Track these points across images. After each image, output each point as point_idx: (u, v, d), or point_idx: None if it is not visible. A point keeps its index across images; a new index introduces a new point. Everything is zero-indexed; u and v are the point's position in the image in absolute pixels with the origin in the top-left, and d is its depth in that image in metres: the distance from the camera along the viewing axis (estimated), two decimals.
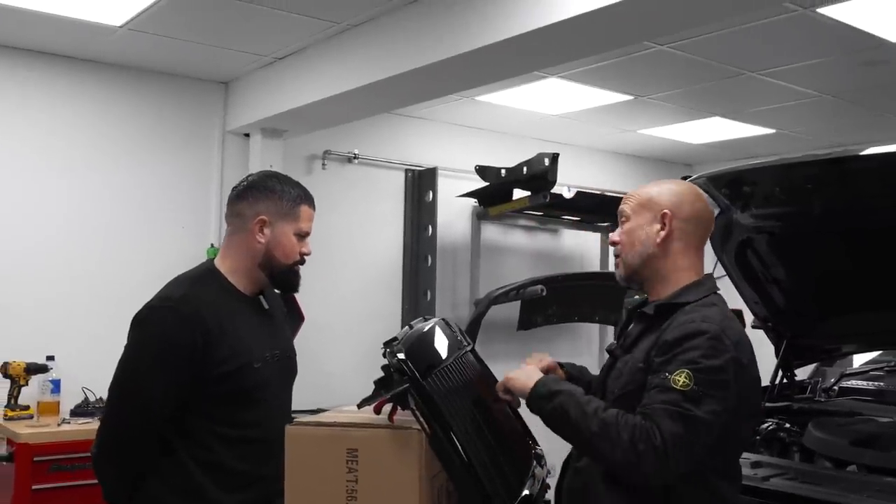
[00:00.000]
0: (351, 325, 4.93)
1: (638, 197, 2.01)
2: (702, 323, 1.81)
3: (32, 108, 4.21)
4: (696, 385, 1.73)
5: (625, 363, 1.93)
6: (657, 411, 1.72)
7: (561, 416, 1.83)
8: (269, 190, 2.16)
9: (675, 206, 1.95)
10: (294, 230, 2.17)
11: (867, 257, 3.11)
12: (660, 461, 1.70)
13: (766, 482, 2.72)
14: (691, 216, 1.96)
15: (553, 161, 4.72)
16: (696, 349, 1.77)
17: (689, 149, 6.28)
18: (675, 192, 1.99)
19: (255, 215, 2.14)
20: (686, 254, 1.96)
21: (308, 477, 1.81)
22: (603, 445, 1.75)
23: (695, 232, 1.97)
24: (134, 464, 2.06)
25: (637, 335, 1.97)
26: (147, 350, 2.04)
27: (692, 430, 1.72)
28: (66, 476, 3.50)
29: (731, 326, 1.86)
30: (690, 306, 1.89)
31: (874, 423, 3.25)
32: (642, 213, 1.98)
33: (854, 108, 5.09)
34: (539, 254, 5.89)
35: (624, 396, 1.87)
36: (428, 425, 1.73)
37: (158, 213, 4.52)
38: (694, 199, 1.99)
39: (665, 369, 1.77)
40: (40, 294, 4.14)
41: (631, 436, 1.71)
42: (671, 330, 1.83)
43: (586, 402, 1.79)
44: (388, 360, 1.76)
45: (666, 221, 1.94)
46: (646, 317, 1.96)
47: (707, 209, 2.02)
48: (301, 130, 4.71)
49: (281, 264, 2.16)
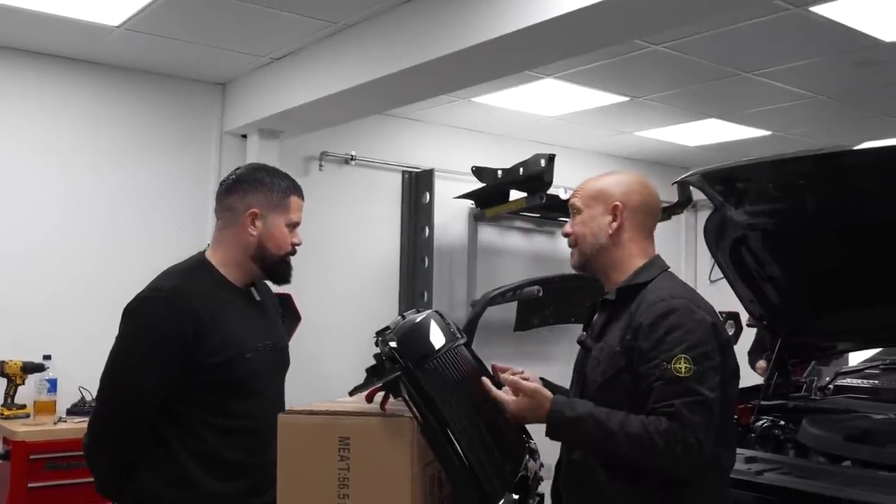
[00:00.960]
0: (348, 326, 4.93)
1: (588, 189, 2.07)
2: (671, 300, 1.88)
3: (30, 108, 4.23)
4: (696, 365, 1.78)
5: (600, 350, 1.97)
6: (679, 409, 1.76)
7: (586, 442, 1.88)
8: (259, 182, 2.17)
9: (625, 198, 2.02)
10: (285, 221, 2.18)
11: (861, 253, 3.12)
12: (697, 456, 1.76)
13: (761, 476, 2.73)
14: (640, 206, 2.03)
15: (549, 162, 4.74)
16: (678, 328, 1.83)
17: (684, 151, 6.29)
18: (624, 183, 2.05)
19: (247, 208, 2.15)
20: (636, 241, 2.03)
21: (300, 465, 1.81)
22: (639, 459, 1.79)
23: (644, 220, 2.05)
24: (125, 454, 2.06)
25: (604, 322, 2.02)
26: (138, 341, 2.04)
27: (709, 412, 1.78)
28: (62, 474, 3.50)
29: (694, 295, 1.95)
30: (651, 285, 1.96)
31: (869, 419, 3.26)
32: (594, 205, 2.04)
33: (848, 109, 5.11)
34: (535, 255, 5.90)
35: (607, 383, 1.92)
36: (420, 414, 1.74)
37: (156, 213, 4.52)
38: (642, 189, 2.06)
39: (658, 357, 1.81)
40: (38, 294, 4.14)
41: (666, 441, 1.75)
42: (643, 312, 1.89)
43: (607, 420, 1.81)
44: (380, 349, 1.77)
45: (617, 213, 2.01)
46: (608, 303, 2.02)
47: (654, 198, 2.09)
48: (298, 131, 4.72)
49: (273, 256, 2.17)
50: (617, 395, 1.87)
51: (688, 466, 1.79)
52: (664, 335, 1.82)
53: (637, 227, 2.03)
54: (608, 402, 1.87)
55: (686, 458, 1.75)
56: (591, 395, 1.94)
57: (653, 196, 2.08)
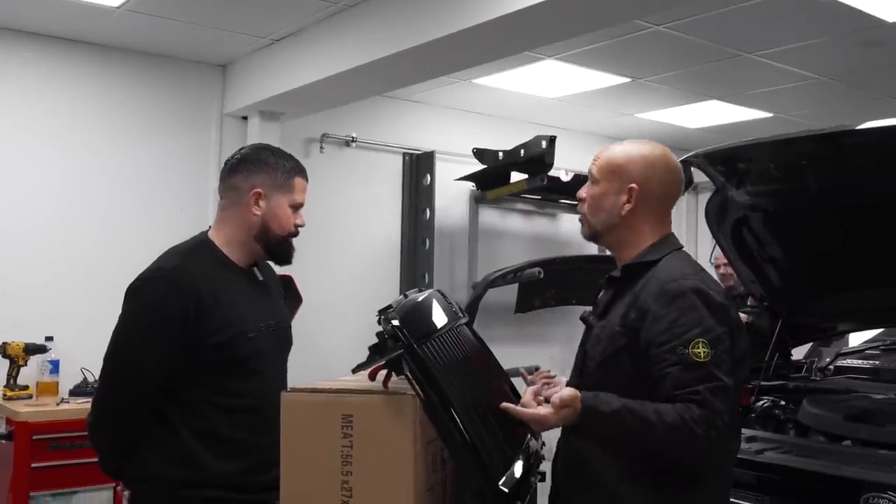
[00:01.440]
0: (349, 308, 4.94)
1: (608, 161, 1.96)
2: (682, 280, 1.80)
3: (30, 89, 4.22)
4: (713, 349, 1.72)
5: (602, 328, 1.92)
6: (706, 395, 1.69)
7: (624, 436, 1.78)
8: (263, 162, 2.17)
9: (643, 180, 1.92)
10: (289, 202, 2.18)
11: (863, 234, 3.11)
12: (721, 440, 1.72)
13: (761, 455, 2.74)
14: (659, 189, 1.94)
15: (550, 144, 4.73)
16: (692, 310, 1.76)
17: (685, 133, 6.28)
18: (648, 162, 1.94)
19: (251, 188, 2.15)
20: (650, 221, 1.95)
21: (304, 443, 1.82)
22: (677, 449, 1.72)
23: (660, 203, 1.96)
24: (128, 433, 2.08)
25: (609, 300, 1.96)
26: (141, 320, 2.05)
27: (728, 396, 1.74)
28: (65, 454, 3.52)
29: (704, 276, 1.87)
30: (660, 264, 1.88)
31: (869, 399, 3.27)
32: (611, 179, 1.94)
33: (852, 90, 5.09)
34: (536, 237, 5.90)
35: (606, 361, 1.87)
36: (422, 391, 1.74)
37: (157, 195, 4.52)
38: (664, 170, 1.95)
39: (673, 341, 1.73)
40: (40, 276, 4.15)
41: (704, 429, 1.68)
42: (652, 293, 1.81)
43: (642, 410, 1.72)
44: (382, 327, 1.77)
45: (632, 196, 1.92)
46: (615, 280, 1.96)
47: (677, 178, 1.97)
48: (299, 113, 4.72)
49: (277, 236, 2.17)
50: (615, 374, 1.84)
51: (716, 454, 1.75)
52: (677, 318, 1.75)
53: (652, 209, 1.94)
54: (607, 380, 1.84)
55: (718, 444, 1.72)
56: (590, 372, 1.92)
57: (674, 178, 1.97)
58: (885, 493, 2.38)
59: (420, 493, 1.77)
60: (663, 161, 1.96)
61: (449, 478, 1.95)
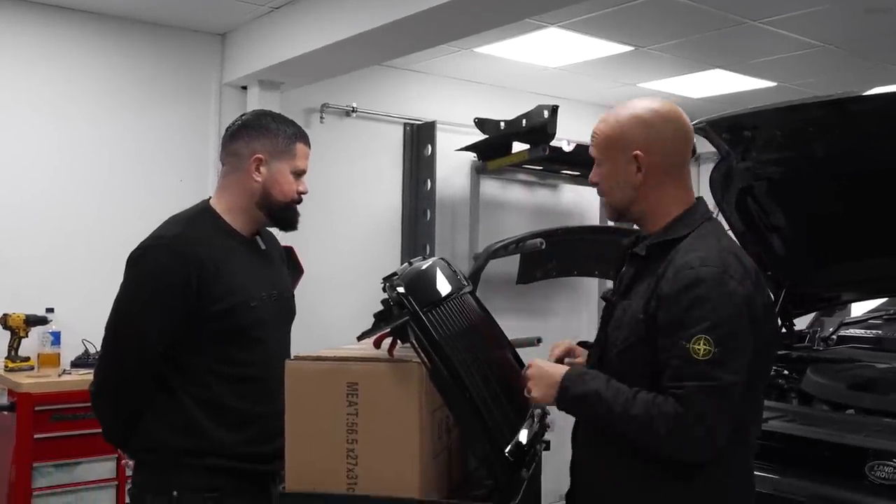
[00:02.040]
0: (350, 278, 4.93)
1: (604, 137, 1.87)
2: (701, 268, 1.69)
3: (27, 60, 4.17)
4: (717, 346, 1.63)
5: (623, 311, 1.84)
6: (689, 393, 1.63)
7: (590, 417, 1.80)
8: (264, 128, 2.14)
9: (647, 143, 1.81)
10: (291, 168, 2.16)
11: (868, 203, 3.10)
12: (705, 445, 1.66)
13: (765, 424, 2.73)
14: (667, 146, 1.82)
15: (552, 113, 4.69)
16: (704, 302, 1.66)
17: (688, 103, 6.23)
18: (645, 122, 1.82)
19: (252, 154, 2.12)
20: (669, 185, 1.84)
21: (309, 411, 1.81)
22: (640, 440, 1.70)
23: (674, 159, 1.84)
24: (130, 401, 2.07)
25: (631, 278, 1.87)
26: (142, 288, 2.04)
27: (727, 396, 1.65)
28: (67, 425, 3.52)
29: (731, 261, 1.74)
30: (684, 243, 1.78)
31: (872, 368, 3.27)
32: (614, 155, 1.85)
33: (856, 58, 5.04)
34: (538, 208, 5.88)
35: (627, 350, 1.79)
36: (428, 359, 1.73)
37: (156, 165, 4.49)
38: (665, 124, 1.82)
39: (679, 333, 1.67)
40: (40, 247, 4.13)
41: (669, 430, 1.64)
42: (669, 279, 1.72)
43: (612, 398, 1.70)
44: (387, 294, 1.76)
45: (641, 163, 1.81)
46: (637, 258, 1.86)
47: (682, 126, 1.84)
48: (299, 82, 4.67)
49: (278, 202, 2.15)
50: (636, 364, 1.76)
51: (692, 454, 1.69)
52: (687, 309, 1.67)
53: (667, 172, 1.83)
54: (626, 369, 1.77)
55: (693, 446, 1.66)
56: (610, 359, 1.84)
57: (680, 128, 1.84)
58: (889, 460, 2.39)
59: (426, 461, 1.77)
60: (660, 116, 1.84)
61: (454, 445, 1.95)
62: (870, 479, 2.42)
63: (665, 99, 1.89)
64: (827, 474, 2.54)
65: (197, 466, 2.03)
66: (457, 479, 1.95)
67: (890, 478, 2.37)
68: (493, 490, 1.82)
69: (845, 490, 2.45)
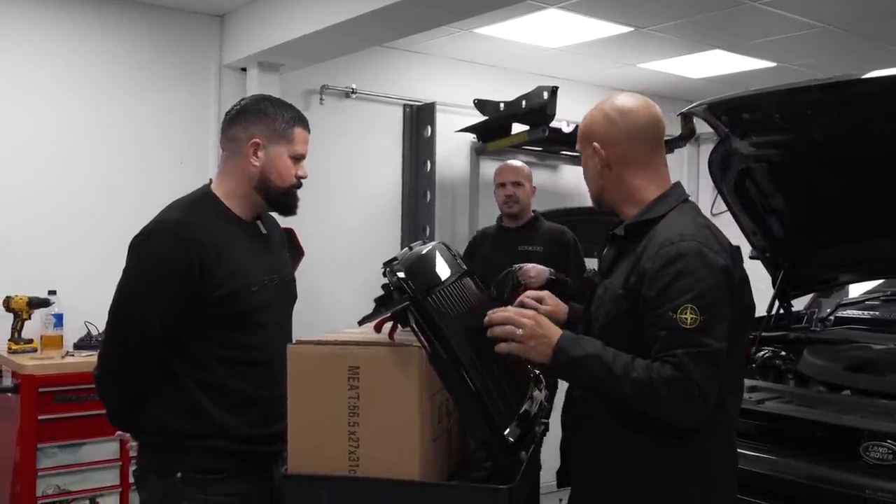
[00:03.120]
0: (350, 260, 4.95)
1: (580, 129, 1.99)
2: (681, 242, 1.78)
3: (27, 43, 4.16)
4: (703, 315, 1.71)
5: (605, 289, 1.92)
6: (682, 359, 1.70)
7: (589, 383, 1.83)
8: (261, 113, 2.15)
9: (603, 135, 1.91)
10: (289, 152, 2.16)
11: (865, 185, 3.12)
12: (699, 409, 1.72)
13: (762, 405, 2.77)
14: (626, 137, 1.91)
15: (552, 94, 4.69)
16: (687, 274, 1.74)
17: (688, 84, 6.22)
18: (606, 117, 1.92)
19: (249, 138, 2.13)
20: (637, 172, 1.93)
21: (310, 395, 1.83)
22: (641, 405, 1.75)
23: (638, 149, 1.92)
24: (134, 385, 2.09)
25: (612, 259, 1.96)
26: (144, 273, 2.05)
27: (714, 362, 1.72)
28: (71, 407, 3.55)
29: (708, 235, 1.83)
30: (662, 222, 1.86)
31: (869, 349, 3.29)
32: (584, 147, 1.97)
33: (857, 39, 5.03)
34: (538, 189, 5.86)
35: (609, 324, 1.87)
36: (428, 343, 1.75)
37: (155, 148, 4.49)
38: (623, 116, 1.91)
39: (665, 306, 1.73)
40: (41, 230, 4.14)
41: (670, 391, 1.69)
42: (650, 256, 1.80)
43: (613, 363, 1.75)
44: (388, 279, 1.77)
45: (599, 156, 1.92)
46: (618, 239, 1.95)
47: (644, 117, 1.92)
48: (298, 64, 4.67)
49: (277, 187, 2.16)
50: (619, 338, 1.82)
51: (689, 418, 1.75)
52: (671, 282, 1.74)
53: (631, 162, 1.92)
54: (609, 343, 1.83)
55: (688, 409, 1.72)
56: (595, 335, 1.90)
57: (641, 122, 1.92)
58: (884, 441, 2.42)
59: (426, 444, 1.79)
60: (624, 110, 1.92)
61: (454, 428, 1.98)
62: (864, 460, 2.45)
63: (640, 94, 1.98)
64: (822, 455, 2.57)
65: (200, 448, 2.05)
66: (456, 462, 1.98)
67: (884, 458, 2.40)
68: (492, 472, 1.85)
69: (840, 470, 2.48)
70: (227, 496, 2.06)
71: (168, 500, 2.07)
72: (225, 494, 2.06)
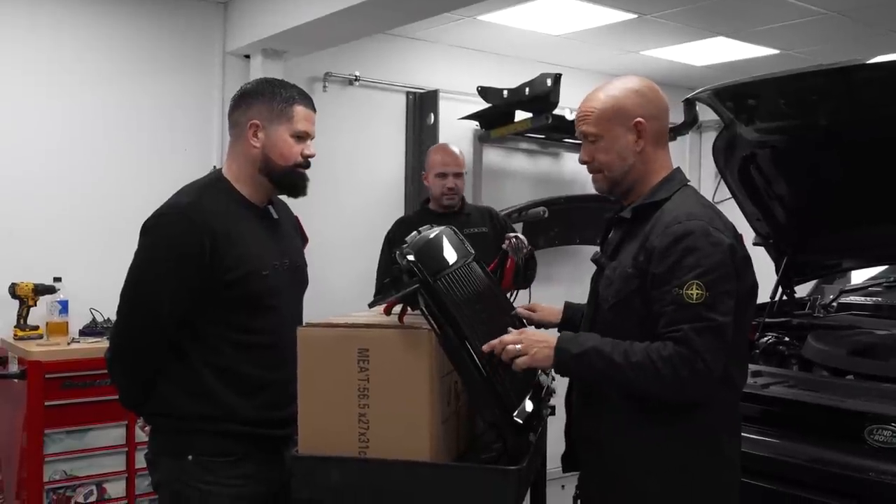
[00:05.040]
0: (354, 247, 4.95)
1: (601, 111, 1.96)
2: (688, 222, 1.83)
3: (31, 30, 4.15)
4: (709, 290, 1.76)
5: (613, 270, 1.95)
6: (687, 334, 1.74)
7: (594, 376, 1.87)
8: (260, 94, 2.16)
9: (644, 111, 1.95)
10: (290, 131, 2.15)
11: (870, 171, 3.12)
12: (705, 380, 1.75)
13: (766, 389, 2.79)
14: (661, 112, 1.98)
15: (555, 82, 4.69)
16: (694, 251, 1.79)
17: (691, 71, 6.21)
18: (639, 93, 1.97)
19: (248, 121, 2.14)
20: (657, 153, 1.99)
21: (321, 377, 1.85)
22: (647, 387, 1.78)
23: (661, 129, 1.99)
24: (146, 368, 2.10)
25: (619, 241, 1.99)
26: (156, 256, 2.06)
27: (720, 336, 1.76)
28: (78, 393, 3.56)
29: (713, 215, 1.89)
30: (668, 204, 1.91)
31: (872, 335, 3.30)
32: (613, 127, 1.95)
33: (860, 26, 5.02)
34: (541, 177, 5.88)
35: (619, 303, 1.90)
36: (437, 325, 1.77)
37: (160, 135, 4.49)
38: (654, 94, 1.99)
39: (672, 282, 1.78)
40: (46, 217, 4.14)
41: (672, 368, 1.73)
42: (658, 235, 1.84)
43: (611, 352, 1.79)
44: (397, 262, 1.79)
45: (641, 130, 1.94)
46: (624, 222, 1.99)
47: (665, 103, 2.01)
48: (302, 51, 4.66)
49: (279, 167, 2.15)
50: (629, 316, 1.87)
51: (696, 391, 1.79)
52: (679, 260, 1.79)
53: (657, 137, 1.98)
54: (619, 323, 1.88)
55: (694, 383, 1.75)
56: (603, 315, 1.95)
57: (664, 102, 2.02)
58: (888, 424, 2.43)
59: (436, 425, 1.81)
60: (651, 88, 2.00)
61: (462, 410, 1.99)
62: (868, 443, 2.46)
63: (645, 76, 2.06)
64: (827, 438, 2.59)
65: (212, 431, 2.06)
66: (465, 443, 2.00)
67: (888, 441, 2.41)
68: (501, 453, 1.87)
69: (844, 453, 2.50)
70: (239, 479, 2.08)
71: (180, 483, 2.08)
72: (236, 477, 2.08)
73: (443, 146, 4.13)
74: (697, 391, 1.79)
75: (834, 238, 3.54)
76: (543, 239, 5.32)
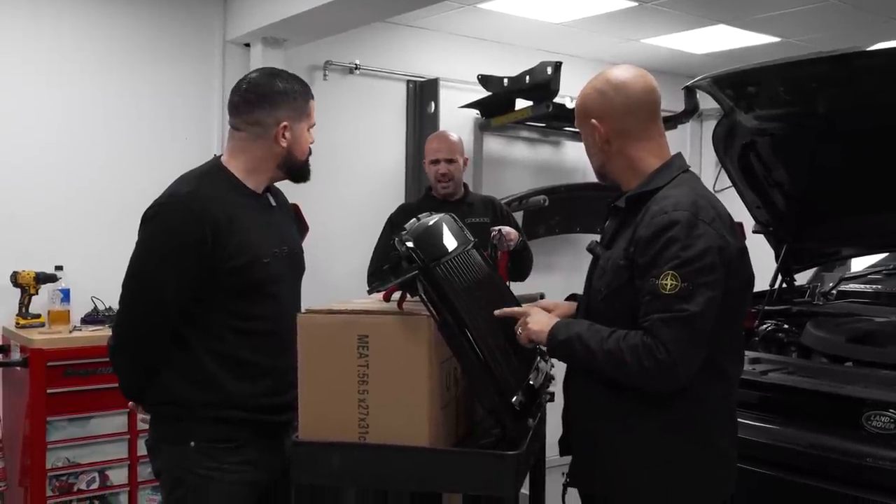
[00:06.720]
0: (354, 235, 4.95)
1: (576, 106, 2.02)
2: (673, 212, 1.81)
3: (31, 18, 4.15)
4: (684, 282, 1.75)
5: (606, 260, 1.95)
6: (655, 324, 1.75)
7: (575, 359, 1.92)
8: (282, 93, 2.16)
9: (601, 111, 1.94)
10: (308, 126, 2.22)
11: (869, 158, 3.12)
12: (668, 372, 1.75)
13: (765, 376, 2.80)
14: (621, 110, 1.94)
15: (556, 70, 4.69)
16: (674, 242, 1.78)
17: (692, 60, 6.20)
18: (599, 91, 1.96)
19: (277, 123, 2.15)
20: (637, 145, 1.96)
21: (321, 363, 1.86)
22: (613, 373, 1.81)
23: (634, 121, 1.95)
24: (148, 356, 2.11)
25: (614, 230, 1.99)
26: (157, 245, 2.07)
27: (690, 328, 1.75)
28: (79, 381, 3.58)
29: (704, 205, 1.85)
30: (660, 192, 1.90)
31: (871, 322, 3.31)
32: (582, 126, 2.01)
33: (860, 13, 5.01)
34: (541, 165, 5.88)
35: (611, 295, 1.91)
36: (436, 311, 1.78)
37: (160, 123, 4.49)
38: (617, 90, 1.94)
39: (651, 273, 1.79)
40: (47, 205, 4.15)
41: (634, 357, 1.75)
42: (644, 225, 1.84)
43: (590, 338, 1.83)
44: (397, 248, 1.80)
45: (598, 132, 1.95)
46: (619, 210, 1.99)
47: (638, 88, 1.94)
48: (302, 39, 4.66)
49: (299, 161, 2.23)
50: (621, 307, 1.87)
51: (660, 382, 1.78)
52: (660, 251, 1.79)
53: (629, 135, 1.95)
54: (612, 313, 1.88)
55: (654, 374, 1.75)
56: (597, 305, 1.95)
57: (636, 93, 1.94)
58: (886, 410, 2.45)
59: (435, 411, 1.82)
60: (617, 83, 1.95)
61: (462, 396, 2.01)
62: (866, 429, 2.47)
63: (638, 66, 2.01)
64: (825, 424, 2.60)
65: (213, 418, 2.08)
66: (465, 429, 2.01)
67: (886, 427, 2.42)
68: (500, 439, 1.88)
69: (843, 439, 2.51)
70: (240, 465, 2.10)
71: (181, 469, 2.10)
72: (237, 463, 2.10)
73: (438, 133, 4.14)
74: (661, 382, 1.78)
75: (833, 226, 3.54)
76: (544, 227, 5.33)
